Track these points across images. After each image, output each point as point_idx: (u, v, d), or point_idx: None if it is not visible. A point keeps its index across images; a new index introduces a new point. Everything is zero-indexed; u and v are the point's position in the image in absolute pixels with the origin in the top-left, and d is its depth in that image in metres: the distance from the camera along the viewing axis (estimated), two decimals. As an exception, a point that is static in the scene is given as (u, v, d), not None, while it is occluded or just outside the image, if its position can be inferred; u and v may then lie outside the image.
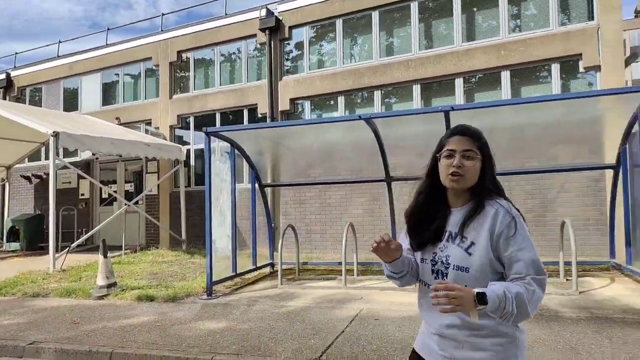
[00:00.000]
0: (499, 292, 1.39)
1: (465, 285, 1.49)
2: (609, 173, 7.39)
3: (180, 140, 12.90)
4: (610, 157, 6.93)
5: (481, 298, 1.36)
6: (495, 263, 1.53)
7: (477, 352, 1.54)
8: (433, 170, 1.66)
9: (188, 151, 12.51)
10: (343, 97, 10.71)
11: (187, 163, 12.43)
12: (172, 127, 12.86)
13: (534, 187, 8.50)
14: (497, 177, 1.66)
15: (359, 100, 10.74)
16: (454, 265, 1.57)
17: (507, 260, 1.50)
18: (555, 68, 8.56)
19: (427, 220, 1.66)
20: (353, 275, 7.57)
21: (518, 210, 1.58)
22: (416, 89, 9.86)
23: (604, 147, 7.33)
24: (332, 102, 10.97)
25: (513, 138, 7.52)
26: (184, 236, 11.57)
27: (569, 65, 8.55)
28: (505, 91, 8.96)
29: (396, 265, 1.66)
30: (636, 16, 48.01)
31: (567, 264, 7.45)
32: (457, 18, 9.51)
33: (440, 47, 9.68)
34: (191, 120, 12.76)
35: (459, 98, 9.32)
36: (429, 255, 1.65)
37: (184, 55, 13.01)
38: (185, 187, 12.08)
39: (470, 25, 9.53)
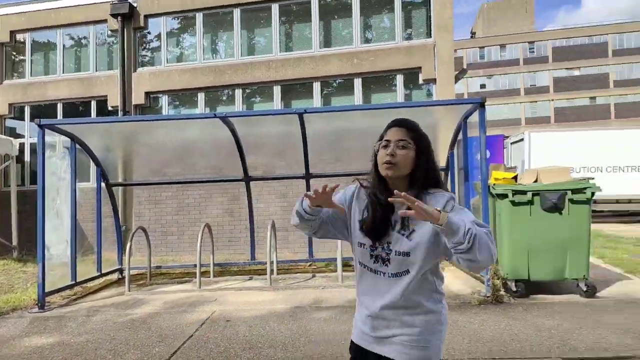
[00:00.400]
0: (461, 222, 1.43)
1: (407, 270, 1.61)
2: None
3: (13, 133, 11.28)
4: (442, 161, 7.85)
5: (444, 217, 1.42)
6: (437, 247, 1.58)
7: (407, 329, 1.63)
8: (377, 161, 1.69)
9: (22, 145, 10.99)
10: (203, 93, 10.41)
11: (20, 159, 10.91)
12: (1, 117, 11.16)
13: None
14: (437, 168, 1.72)
15: (222, 98, 10.54)
16: (395, 251, 1.62)
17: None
18: (400, 79, 9.44)
19: (373, 208, 1.68)
20: (209, 277, 7.40)
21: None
22: (277, 90, 10.02)
23: (439, 152, 8.29)
24: (193, 98, 10.58)
25: (365, 141, 8.11)
26: (14, 242, 10.12)
27: (411, 76, 9.50)
28: (358, 97, 9.59)
29: (314, 210, 1.66)
30: (472, 36, 55.06)
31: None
32: (316, 24, 9.91)
33: (300, 51, 9.99)
34: (27, 109, 11.23)
35: (317, 101, 9.72)
36: (368, 241, 1.68)
37: (18, 36, 11.39)
38: (18, 186, 10.59)
39: (328, 32, 10.01)
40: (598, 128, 21.30)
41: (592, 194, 5.44)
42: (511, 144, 18.97)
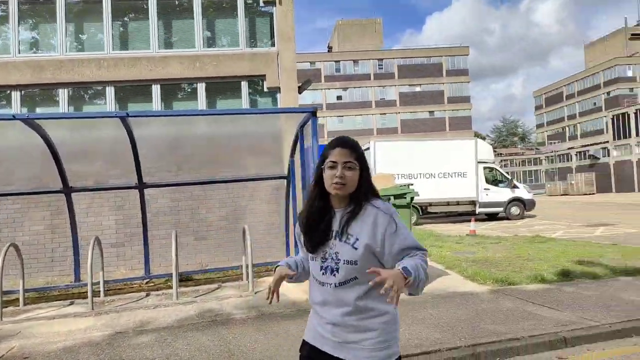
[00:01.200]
0: (412, 263, 1.60)
1: (356, 277, 1.72)
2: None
3: None
4: (284, 169, 7.89)
5: (406, 271, 1.54)
6: (379, 255, 1.73)
7: (366, 333, 1.72)
8: (319, 178, 1.81)
9: None
10: (19, 92, 8.99)
11: None
12: None
13: (227, 196, 8.95)
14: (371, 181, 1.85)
15: (42, 98, 9.21)
16: (344, 260, 1.73)
17: (397, 247, 1.71)
18: (245, 85, 9.29)
19: (317, 222, 1.81)
20: (19, 305, 6.32)
21: (391, 205, 1.83)
22: (110, 91, 9.11)
23: (284, 159, 8.33)
24: (4, 96, 9.06)
25: (209, 147, 7.77)
26: None
27: (256, 84, 9.43)
28: (202, 102, 9.19)
29: (296, 275, 1.93)
30: (329, 50, 57.55)
31: (255, 265, 8.18)
32: (154, 23, 9.27)
33: (137, 50, 9.23)
34: None
35: (157, 105, 9.06)
36: (319, 254, 1.80)
37: None
38: None
39: (168, 33, 9.43)
40: (432, 139, 23.84)
41: (412, 198, 5.88)
42: (360, 152, 20.21)
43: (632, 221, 15.43)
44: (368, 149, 17.73)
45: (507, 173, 20.50)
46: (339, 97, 55.01)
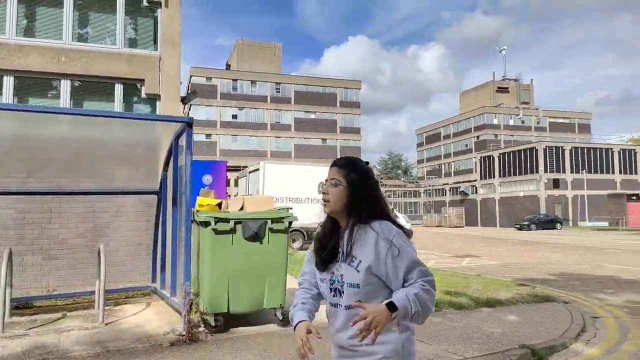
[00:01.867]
0: (403, 296, 1.59)
1: (359, 300, 1.68)
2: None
3: None
4: (154, 183, 7.13)
5: (392, 306, 1.55)
6: (384, 278, 1.70)
7: (370, 357, 1.70)
8: None
9: None
10: None
11: None
12: None
13: (88, 210, 7.86)
14: (379, 199, 1.82)
15: None
16: (347, 283, 1.74)
17: (401, 275, 1.67)
18: (119, 88, 8.38)
19: (327, 241, 1.82)
20: None
21: (399, 227, 1.77)
22: (-55, 78, 7.59)
23: (158, 173, 7.55)
24: None
25: (69, 153, 6.73)
26: None
27: (133, 88, 8.57)
28: (65, 101, 8.07)
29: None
30: (227, 68, 56.60)
31: (112, 291, 7.19)
32: (13, 5, 8.00)
33: (-14, 34, 7.86)
34: None
35: (7, 98, 7.74)
36: (328, 275, 1.81)
37: None
38: None
39: (30, 19, 8.20)
40: (321, 164, 24.19)
41: (290, 223, 5.57)
42: (249, 172, 19.77)
43: (493, 253, 16.93)
44: (258, 170, 17.33)
45: (390, 203, 21.43)
46: (234, 116, 54.13)
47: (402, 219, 19.12)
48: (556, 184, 46.65)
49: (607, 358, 4.76)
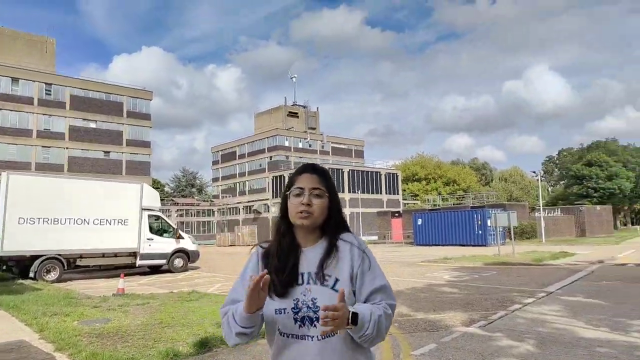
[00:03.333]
0: (367, 314, 1.45)
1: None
2: None
3: None
4: None
5: (354, 319, 1.41)
6: (354, 295, 1.57)
7: None
8: (286, 208, 1.64)
9: None
10: None
11: None
12: None
13: None
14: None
15: None
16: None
17: (365, 290, 1.57)
18: None
19: (285, 261, 1.59)
20: None
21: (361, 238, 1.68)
22: None
23: None
24: None
25: None
26: None
27: None
28: None
29: (254, 318, 1.49)
30: None
31: None
32: None
33: None
34: None
35: None
36: (288, 303, 1.54)
37: None
38: None
39: None
40: (89, 178, 20.89)
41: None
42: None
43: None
44: (-2, 182, 13.59)
45: (175, 223, 19.65)
46: (-11, 118, 44.01)
47: (187, 240, 17.61)
48: (337, 202, 51.31)
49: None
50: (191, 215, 65.50)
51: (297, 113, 77.41)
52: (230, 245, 50.67)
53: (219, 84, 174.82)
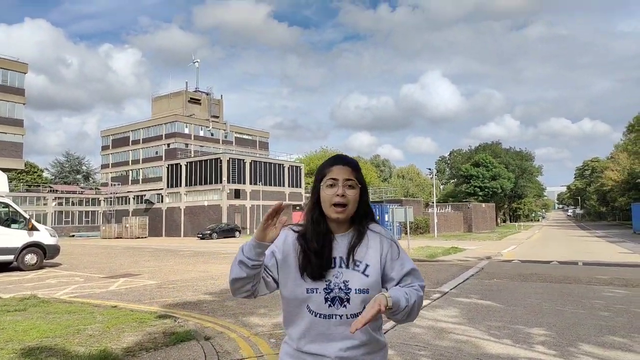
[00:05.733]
0: (401, 296, 1.52)
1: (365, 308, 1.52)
2: None
3: None
4: None
5: (395, 302, 1.48)
6: (383, 280, 1.66)
7: None
8: (318, 197, 1.68)
9: None
10: None
11: None
12: None
13: None
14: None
15: None
16: (355, 290, 1.61)
17: (397, 274, 1.64)
18: None
19: (322, 246, 1.65)
20: None
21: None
22: None
23: None
24: None
25: None
26: None
27: None
28: None
29: (259, 249, 1.53)
30: None
31: None
32: None
33: None
34: None
35: None
36: (320, 285, 1.62)
37: None
38: None
39: None
40: None
41: None
42: None
43: (158, 269, 14.80)
44: None
45: (25, 211, 16.52)
46: None
47: (44, 232, 14.78)
48: (237, 194, 49.20)
49: None
50: (73, 204, 58.96)
51: (199, 100, 73.36)
52: (117, 238, 46.20)
53: (116, 66, 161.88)
